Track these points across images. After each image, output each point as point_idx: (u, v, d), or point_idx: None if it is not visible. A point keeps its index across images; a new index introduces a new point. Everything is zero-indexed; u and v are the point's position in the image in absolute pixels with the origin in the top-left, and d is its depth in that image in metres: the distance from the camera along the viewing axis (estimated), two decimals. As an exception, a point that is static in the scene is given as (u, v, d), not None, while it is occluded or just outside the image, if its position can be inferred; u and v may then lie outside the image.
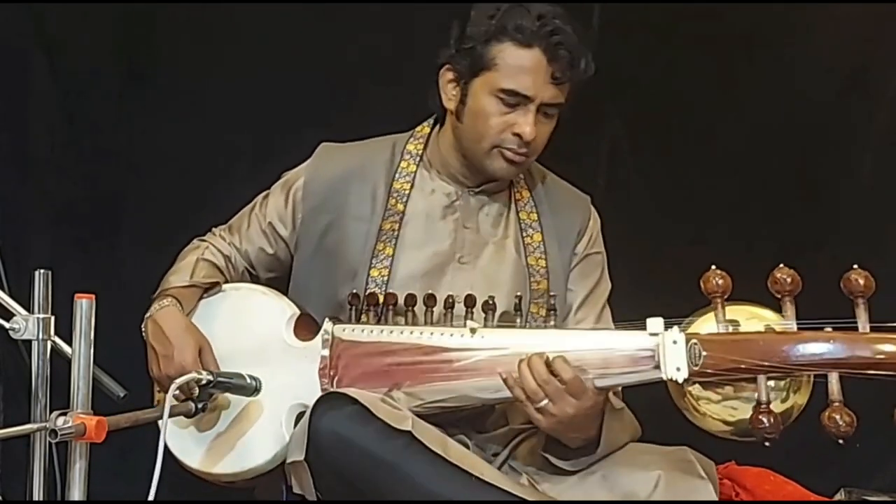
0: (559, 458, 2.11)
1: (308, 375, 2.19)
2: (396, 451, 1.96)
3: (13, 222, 3.06)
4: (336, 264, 2.32)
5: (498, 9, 2.24)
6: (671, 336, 1.95)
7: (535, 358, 2.00)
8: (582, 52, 2.23)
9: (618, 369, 1.99)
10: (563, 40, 2.20)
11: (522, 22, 2.21)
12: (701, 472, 2.06)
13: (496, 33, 2.22)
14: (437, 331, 2.14)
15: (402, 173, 2.37)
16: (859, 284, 1.86)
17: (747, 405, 1.94)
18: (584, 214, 2.45)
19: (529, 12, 2.22)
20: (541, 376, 1.98)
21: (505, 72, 2.22)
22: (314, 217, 2.36)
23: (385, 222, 2.32)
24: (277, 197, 2.42)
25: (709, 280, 1.97)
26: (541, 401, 1.99)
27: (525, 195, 2.41)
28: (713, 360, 1.90)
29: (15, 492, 2.62)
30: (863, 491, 2.71)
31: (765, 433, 1.90)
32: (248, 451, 2.21)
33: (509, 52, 2.22)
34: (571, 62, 2.21)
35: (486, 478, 1.98)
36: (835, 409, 1.86)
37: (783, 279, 1.91)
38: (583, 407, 1.99)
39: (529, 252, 2.36)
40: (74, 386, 1.90)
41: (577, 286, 2.39)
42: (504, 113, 2.23)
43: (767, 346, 1.89)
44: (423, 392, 2.12)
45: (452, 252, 2.33)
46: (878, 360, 1.83)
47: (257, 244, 2.42)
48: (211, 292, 2.37)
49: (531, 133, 2.22)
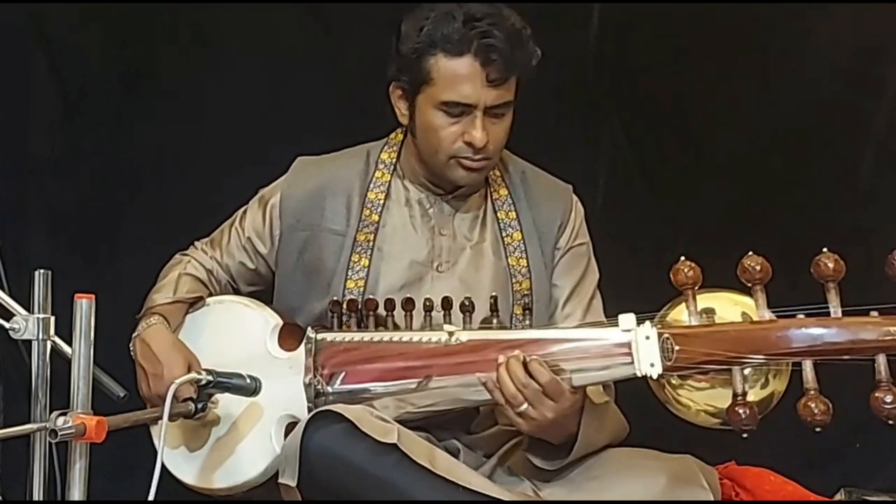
0: (541, 458, 2.11)
1: (294, 386, 2.19)
2: (387, 467, 1.96)
3: (13, 222, 3.06)
4: (316, 279, 2.33)
5: (426, 18, 2.21)
6: (644, 332, 1.93)
7: (513, 361, 1.99)
8: (518, 46, 2.20)
9: (592, 367, 1.98)
10: (494, 41, 2.16)
11: (448, 31, 2.18)
12: (703, 482, 2.05)
13: (427, 47, 2.20)
14: (417, 335, 2.14)
15: (376, 183, 2.37)
16: (829, 268, 1.81)
17: (728, 391, 1.90)
18: (565, 206, 2.42)
19: (455, 18, 2.18)
20: (519, 380, 1.98)
21: (442, 84, 2.20)
22: (291, 234, 2.37)
23: (360, 234, 2.32)
24: (255, 213, 2.43)
25: (679, 272, 1.93)
26: (520, 405, 1.99)
27: (502, 193, 2.40)
28: (686, 353, 1.88)
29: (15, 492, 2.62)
30: (863, 491, 2.71)
31: (742, 425, 1.86)
32: (241, 465, 2.22)
33: (442, 64, 2.19)
34: (506, 62, 2.18)
35: (474, 486, 1.98)
36: (810, 397, 1.82)
37: (752, 267, 1.87)
38: (561, 408, 1.99)
39: (510, 252, 2.35)
40: (74, 386, 1.90)
41: (562, 281, 2.37)
42: (452, 123, 2.22)
43: (740, 336, 1.86)
44: (412, 397, 2.12)
45: (430, 260, 2.33)
46: (852, 346, 1.81)
47: (237, 258, 2.43)
48: (196, 307, 2.38)
49: (482, 139, 2.21)
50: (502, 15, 2.22)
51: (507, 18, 2.21)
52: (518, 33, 2.21)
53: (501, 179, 2.41)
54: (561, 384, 1.98)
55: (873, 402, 1.79)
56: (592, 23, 3.25)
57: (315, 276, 2.33)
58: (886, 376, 1.79)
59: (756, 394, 1.92)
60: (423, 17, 2.22)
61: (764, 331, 1.86)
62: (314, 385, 2.18)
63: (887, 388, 1.78)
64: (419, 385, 2.11)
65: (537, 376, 1.97)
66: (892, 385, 1.79)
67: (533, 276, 2.34)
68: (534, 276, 2.34)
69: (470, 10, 2.19)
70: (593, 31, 3.25)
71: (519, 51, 2.20)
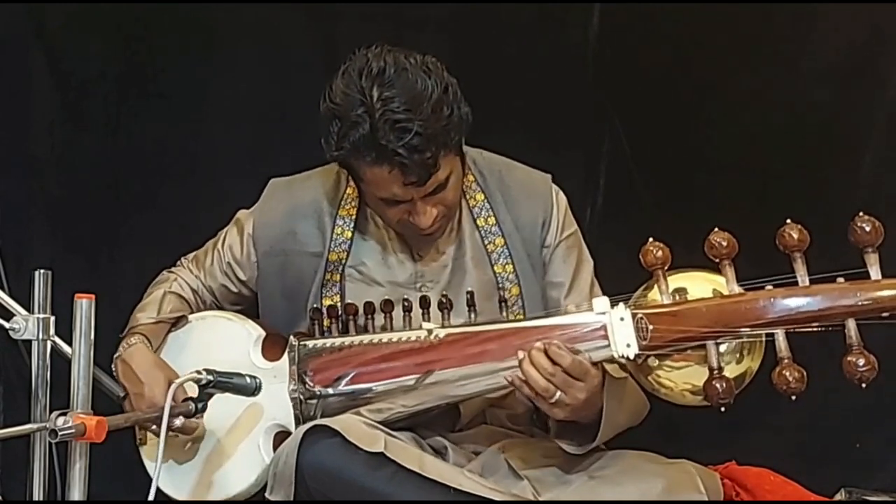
0: (570, 444, 2.10)
1: (280, 395, 2.20)
2: (382, 480, 1.97)
3: (13, 222, 3.06)
4: (298, 301, 2.32)
5: (336, 118, 2.10)
6: (618, 313, 1.96)
7: (535, 353, 1.98)
8: (433, 140, 2.06)
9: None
10: (404, 153, 2.04)
11: (358, 140, 2.07)
12: (700, 488, 2.05)
13: (347, 154, 2.12)
14: (396, 335, 2.15)
15: (346, 200, 2.34)
16: (793, 238, 1.86)
17: (705, 369, 1.92)
18: (546, 201, 2.36)
19: (362, 121, 2.06)
20: (546, 370, 1.98)
21: (372, 185, 2.14)
22: (267, 260, 2.36)
23: (332, 253, 2.31)
24: (233, 238, 2.42)
25: (648, 253, 1.97)
26: (553, 395, 1.98)
27: (479, 199, 2.34)
28: (661, 332, 1.91)
29: (15, 492, 2.62)
30: (863, 491, 2.70)
31: (719, 398, 1.89)
32: (231, 478, 2.22)
33: (366, 169, 2.12)
34: (424, 165, 2.07)
35: (465, 488, 1.98)
36: (784, 366, 1.84)
37: (719, 242, 1.91)
38: (591, 386, 1.99)
39: (494, 260, 2.32)
40: (74, 386, 1.90)
41: (558, 277, 2.35)
42: (394, 207, 2.18)
43: (711, 311, 1.90)
44: (401, 398, 2.13)
45: (412, 282, 2.31)
46: (822, 313, 1.83)
47: (220, 281, 2.43)
48: (178, 325, 2.38)
49: (427, 222, 2.17)
50: (415, 92, 2.07)
51: (419, 97, 2.06)
52: (434, 108, 2.07)
53: (476, 184, 2.34)
54: (584, 363, 1.98)
55: (846, 367, 1.81)
56: (592, 23, 3.24)
57: (297, 297, 2.32)
58: (857, 340, 1.82)
59: (731, 370, 1.94)
60: (336, 109, 2.10)
61: (735, 304, 1.89)
62: (300, 391, 2.19)
63: (859, 352, 1.81)
64: (417, 381, 2.11)
65: (559, 361, 1.97)
66: (863, 349, 1.82)
67: (521, 281, 2.31)
68: (522, 281, 2.31)
69: (379, 110, 2.05)
70: (593, 31, 3.25)
71: (438, 137, 2.07)
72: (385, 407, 2.14)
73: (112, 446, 1.95)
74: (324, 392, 2.18)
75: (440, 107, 2.09)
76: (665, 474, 2.07)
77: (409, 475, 1.97)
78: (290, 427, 2.17)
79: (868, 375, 1.80)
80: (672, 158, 3.28)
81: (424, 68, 2.11)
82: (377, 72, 2.09)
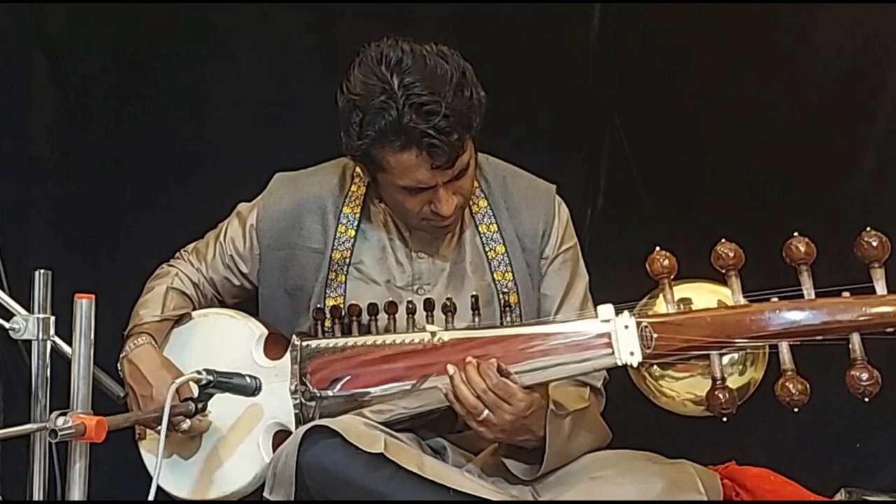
0: (518, 465, 2.11)
1: (281, 394, 2.20)
2: (382, 481, 1.98)
3: (13, 222, 3.06)
4: (299, 297, 2.32)
5: (359, 106, 2.10)
6: (622, 321, 1.95)
7: (469, 368, 2.00)
8: (458, 121, 2.08)
9: (574, 359, 1.99)
10: (433, 133, 2.05)
11: (385, 126, 2.07)
12: (700, 488, 2.06)
13: (371, 143, 2.11)
14: (400, 337, 2.15)
15: (351, 197, 2.34)
16: (800, 252, 1.86)
17: (708, 380, 1.93)
18: (548, 212, 2.36)
19: (389, 107, 2.06)
20: (478, 386, 1.99)
21: (397, 173, 2.14)
22: (270, 254, 2.36)
23: (335, 252, 2.31)
24: (235, 231, 2.41)
25: (654, 261, 1.96)
26: (481, 413, 2.00)
27: (482, 205, 2.35)
28: (665, 341, 1.91)
29: (15, 492, 2.62)
30: (863, 491, 2.71)
31: (721, 409, 1.89)
32: (230, 475, 2.22)
33: (390, 156, 2.12)
34: (451, 146, 2.08)
35: (465, 489, 1.99)
36: (788, 378, 1.85)
37: (725, 253, 1.91)
38: (517, 411, 2.00)
39: (494, 267, 2.32)
40: (74, 386, 1.90)
41: (552, 290, 2.34)
42: (416, 197, 2.18)
43: (717, 322, 1.90)
44: (402, 400, 2.13)
45: (409, 284, 2.31)
46: (826, 326, 1.83)
47: (222, 274, 2.42)
48: (181, 322, 2.37)
49: (449, 209, 2.17)
50: (435, 76, 2.08)
51: (440, 80, 2.08)
52: (455, 91, 2.09)
53: (480, 190, 2.35)
54: (510, 385, 1.99)
55: (850, 381, 1.82)
56: (592, 23, 3.25)
57: (298, 293, 2.32)
58: (861, 354, 1.83)
59: (734, 381, 1.95)
60: (356, 100, 2.10)
61: (740, 315, 1.89)
62: (300, 392, 2.19)
63: (863, 366, 1.82)
64: (413, 387, 2.11)
65: (485, 378, 1.99)
66: (867, 363, 1.82)
67: (520, 290, 2.31)
68: (521, 289, 2.31)
69: (403, 96, 2.06)
70: (593, 31, 3.25)
71: (463, 119, 2.09)
72: (387, 408, 2.15)
73: (112, 446, 1.95)
74: (322, 394, 2.18)
75: (461, 90, 2.11)
76: (665, 474, 2.07)
77: (409, 476, 1.98)
78: (291, 426, 2.18)
79: (871, 390, 1.80)
80: (672, 159, 3.29)
81: (440, 53, 2.13)
82: (395, 60, 2.10)
